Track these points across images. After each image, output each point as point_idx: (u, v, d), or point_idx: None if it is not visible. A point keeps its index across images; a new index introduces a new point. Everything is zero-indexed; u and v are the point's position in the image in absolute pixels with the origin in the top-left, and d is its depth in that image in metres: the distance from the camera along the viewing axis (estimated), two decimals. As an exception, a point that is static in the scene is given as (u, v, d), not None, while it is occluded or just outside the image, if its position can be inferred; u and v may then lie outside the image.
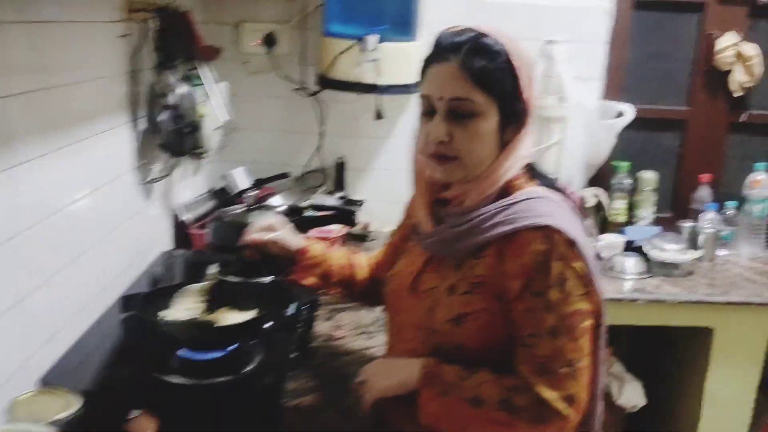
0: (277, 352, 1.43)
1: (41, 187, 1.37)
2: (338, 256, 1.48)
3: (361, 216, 2.52)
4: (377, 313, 1.74)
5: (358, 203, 2.53)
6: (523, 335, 1.11)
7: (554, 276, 1.09)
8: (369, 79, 2.23)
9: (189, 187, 2.34)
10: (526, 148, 1.19)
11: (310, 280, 1.44)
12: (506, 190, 1.18)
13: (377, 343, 1.66)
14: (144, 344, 1.31)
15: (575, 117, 2.44)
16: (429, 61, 1.17)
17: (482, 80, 1.12)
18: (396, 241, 1.45)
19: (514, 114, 1.15)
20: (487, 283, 1.15)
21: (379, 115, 2.33)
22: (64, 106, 1.45)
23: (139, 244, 1.89)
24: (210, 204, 2.28)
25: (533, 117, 1.19)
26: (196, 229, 2.15)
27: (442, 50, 1.14)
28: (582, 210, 2.37)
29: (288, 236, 1.44)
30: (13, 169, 1.26)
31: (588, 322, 1.11)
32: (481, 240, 1.16)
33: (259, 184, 2.43)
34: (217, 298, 1.42)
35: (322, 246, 1.48)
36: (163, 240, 2.11)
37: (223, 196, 2.24)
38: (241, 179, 2.47)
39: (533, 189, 1.19)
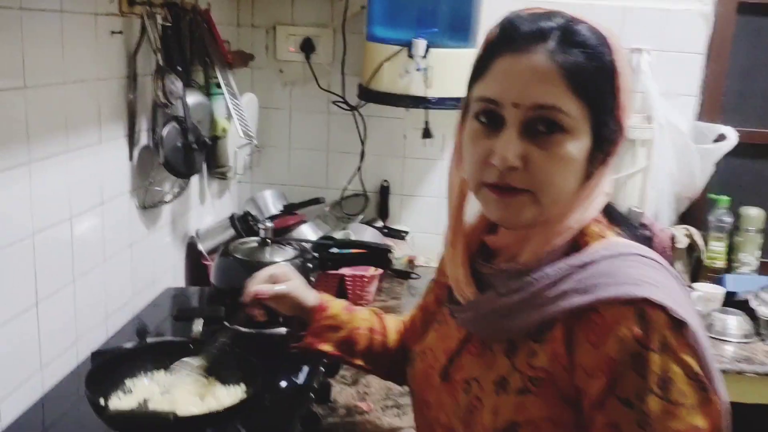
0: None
1: (13, 204, 1.13)
2: (365, 318, 1.15)
3: (405, 249, 2.19)
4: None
5: (401, 234, 2.19)
6: (607, 462, 0.74)
7: (653, 375, 0.73)
8: (417, 90, 1.91)
9: (210, 212, 2.06)
10: (608, 183, 0.85)
11: (326, 347, 1.11)
12: (577, 240, 0.83)
13: (410, 423, 1.31)
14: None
15: (664, 140, 2.09)
16: (496, 51, 0.81)
17: (580, 82, 0.78)
18: (429, 303, 1.11)
19: (606, 136, 0.81)
20: (552, 380, 0.79)
21: (427, 133, 2.00)
22: (38, 111, 1.18)
23: (135, 281, 1.60)
24: (231, 232, 1.98)
25: (623, 143, 0.84)
26: (212, 261, 1.85)
27: (520, 37, 0.80)
28: (670, 251, 1.98)
29: (301, 289, 1.12)
30: None
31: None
32: (543, 316, 0.80)
33: (289, 209, 2.13)
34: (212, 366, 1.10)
35: (344, 303, 1.15)
36: (171, 274, 1.82)
37: (245, 224, 1.94)
38: (270, 204, 2.18)
39: (616, 241, 0.83)
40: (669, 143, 2.08)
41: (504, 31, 0.82)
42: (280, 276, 1.12)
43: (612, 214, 0.86)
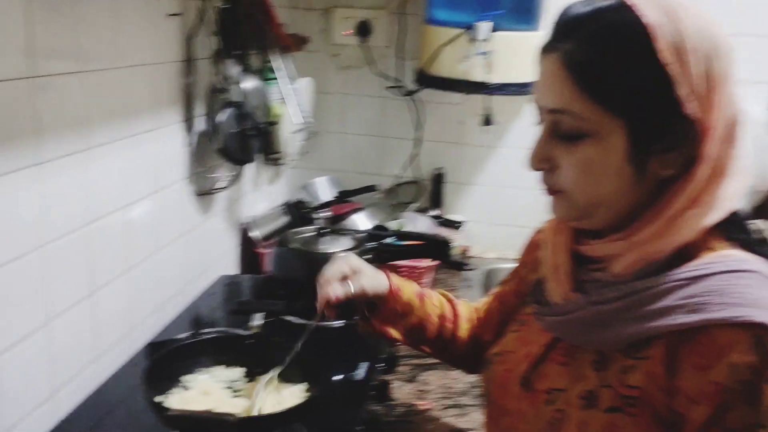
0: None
1: (70, 192, 1.11)
2: (436, 304, 1.09)
3: (460, 238, 2.12)
4: (473, 377, 1.33)
5: (455, 224, 2.13)
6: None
7: (766, 407, 0.65)
8: (478, 76, 1.84)
9: (263, 198, 2.03)
10: (725, 192, 0.74)
11: (394, 333, 1.06)
12: (685, 251, 0.75)
13: (471, 425, 1.25)
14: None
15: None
16: (540, 51, 0.78)
17: (593, 84, 0.72)
18: (507, 294, 1.05)
19: (653, 129, 0.73)
20: (648, 401, 0.72)
21: (487, 120, 1.92)
22: (97, 96, 1.16)
23: (188, 269, 1.58)
24: (285, 219, 1.94)
25: (730, 141, 0.74)
26: (266, 248, 1.82)
27: (554, 33, 0.78)
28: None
29: (374, 279, 1.05)
30: (41, 167, 1.01)
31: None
32: (641, 331, 0.73)
33: (343, 197, 2.08)
34: (259, 361, 1.06)
35: (416, 288, 1.09)
36: (225, 262, 1.80)
37: (299, 211, 1.90)
38: (324, 190, 2.14)
39: (731, 254, 0.74)
40: (744, 133, 1.96)
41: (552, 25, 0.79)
42: (350, 271, 1.05)
43: (732, 224, 0.76)
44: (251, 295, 1.63)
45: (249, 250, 1.88)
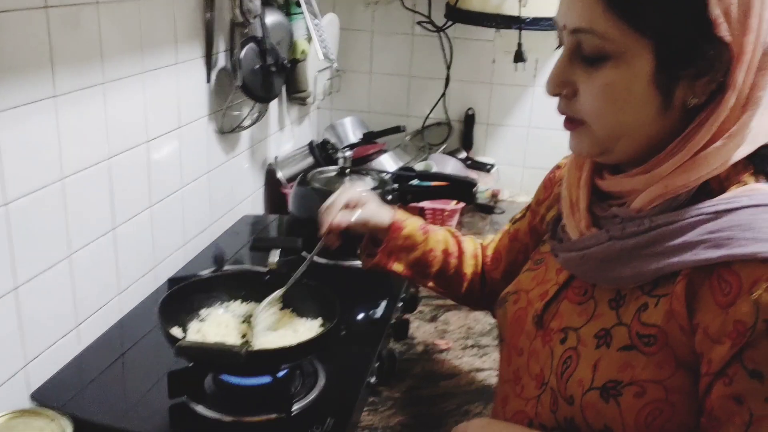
0: (351, 373, 1.06)
1: (88, 126, 1.10)
2: (440, 240, 1.07)
3: (489, 182, 2.08)
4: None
5: (486, 166, 2.08)
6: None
7: None
8: (511, 9, 1.76)
9: (289, 138, 2.01)
10: (756, 124, 0.69)
11: (397, 267, 1.05)
12: (710, 184, 0.70)
13: (490, 365, 1.24)
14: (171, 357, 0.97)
15: None
16: None
17: (620, 0, 0.67)
18: (519, 232, 1.02)
19: (681, 52, 0.67)
20: (666, 340, 0.69)
21: (519, 57, 1.85)
22: (115, 28, 1.14)
23: (213, 208, 1.58)
24: (310, 160, 1.92)
25: (765, 70, 0.68)
26: (290, 189, 1.81)
27: None
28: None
29: (377, 211, 1.05)
30: (56, 99, 1.01)
31: None
32: (661, 267, 0.69)
33: (369, 138, 2.04)
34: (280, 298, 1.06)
35: (420, 223, 1.07)
36: (250, 202, 1.79)
37: (324, 152, 1.88)
38: (350, 131, 2.10)
39: (760, 188, 0.70)
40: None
41: None
42: (355, 200, 1.04)
43: (762, 156, 0.71)
44: (273, 234, 1.63)
45: (274, 190, 1.87)
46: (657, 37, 0.67)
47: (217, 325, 1.02)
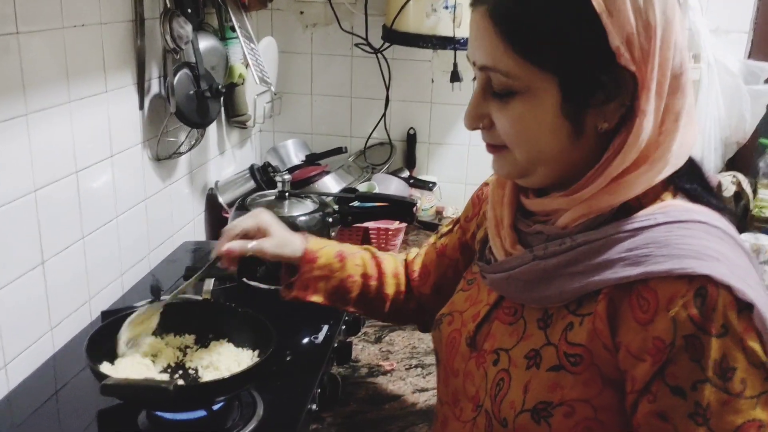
0: (292, 401, 1.04)
1: (12, 159, 1.07)
2: (358, 264, 1.05)
3: (433, 199, 2.10)
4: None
5: (428, 184, 2.10)
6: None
7: (712, 362, 0.63)
8: (445, 30, 1.79)
9: (230, 162, 1.99)
10: (675, 146, 0.71)
11: (316, 298, 1.03)
12: (633, 202, 0.72)
13: (434, 384, 1.24)
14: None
15: (712, 80, 1.94)
16: (470, 3, 0.74)
17: (520, 39, 0.68)
18: (447, 247, 1.03)
19: (585, 84, 0.69)
20: (592, 358, 0.70)
21: (456, 77, 1.87)
22: (39, 58, 1.11)
23: (151, 236, 1.55)
24: (252, 184, 1.90)
25: (676, 92, 0.71)
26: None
27: None
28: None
29: (287, 241, 1.02)
30: None
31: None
32: (583, 286, 0.71)
33: (311, 160, 2.04)
34: (209, 326, 1.04)
35: (336, 249, 1.04)
36: (192, 228, 1.76)
37: (266, 175, 1.86)
38: (292, 153, 2.10)
39: (676, 204, 0.72)
40: (717, 84, 1.93)
41: None
42: (255, 229, 1.01)
43: (682, 173, 0.73)
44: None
45: (216, 215, 1.85)
46: (559, 72, 0.68)
47: (152, 356, 0.99)
